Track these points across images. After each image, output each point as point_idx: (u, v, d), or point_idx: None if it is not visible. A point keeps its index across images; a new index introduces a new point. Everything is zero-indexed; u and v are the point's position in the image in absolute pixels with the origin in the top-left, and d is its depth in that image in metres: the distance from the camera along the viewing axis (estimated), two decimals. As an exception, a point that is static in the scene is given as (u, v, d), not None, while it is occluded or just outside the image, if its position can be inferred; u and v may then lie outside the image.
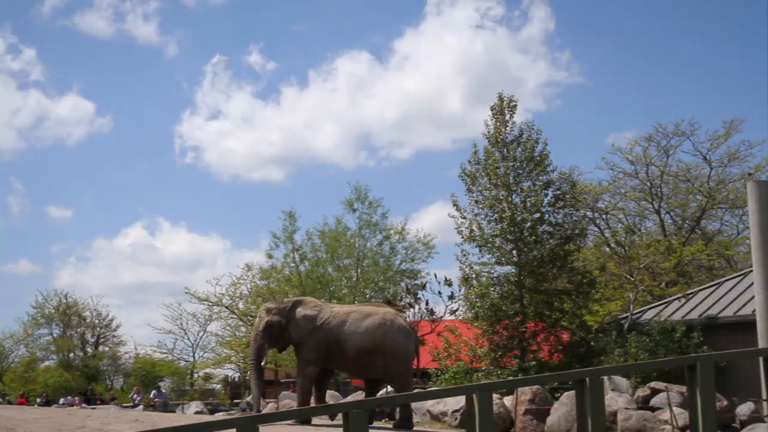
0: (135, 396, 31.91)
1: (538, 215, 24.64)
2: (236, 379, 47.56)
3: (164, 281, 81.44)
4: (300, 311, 16.41)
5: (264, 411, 19.53)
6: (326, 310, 16.40)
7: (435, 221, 74.51)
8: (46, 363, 53.78)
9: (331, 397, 20.79)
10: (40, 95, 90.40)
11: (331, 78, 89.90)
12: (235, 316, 44.33)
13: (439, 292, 29.54)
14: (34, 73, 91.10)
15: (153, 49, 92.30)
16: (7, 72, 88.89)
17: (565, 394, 17.25)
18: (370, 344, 15.86)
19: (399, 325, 16.17)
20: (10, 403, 31.82)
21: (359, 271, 36.02)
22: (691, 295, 25.24)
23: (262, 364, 17.18)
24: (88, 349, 54.98)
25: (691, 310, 23.90)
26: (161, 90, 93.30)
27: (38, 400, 34.16)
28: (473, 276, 25.28)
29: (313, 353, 16.13)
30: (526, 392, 17.72)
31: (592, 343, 23.80)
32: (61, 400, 32.59)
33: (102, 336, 56.23)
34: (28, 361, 53.49)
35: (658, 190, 39.58)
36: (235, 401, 36.18)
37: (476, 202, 25.39)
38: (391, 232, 36.90)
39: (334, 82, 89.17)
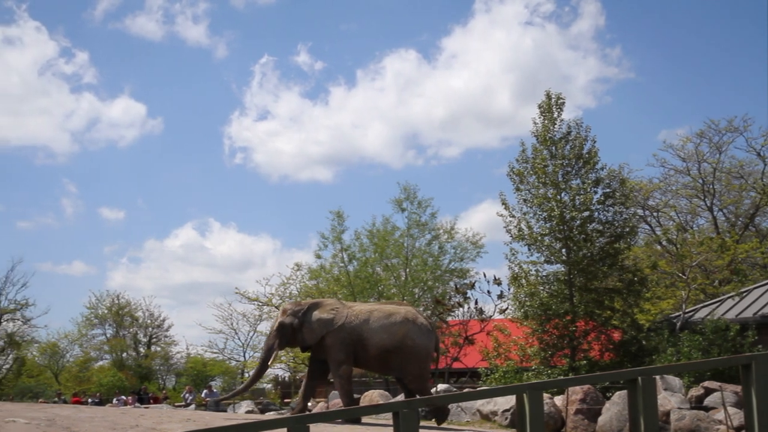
0: (187, 395, 32.21)
1: (587, 213, 24.46)
2: (286, 378, 47.80)
3: (214, 281, 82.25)
4: (315, 314, 16.54)
5: (314, 410, 19.62)
6: (343, 312, 16.45)
7: (484, 220, 74.28)
8: (100, 363, 54.57)
9: (381, 396, 20.79)
10: (92, 98, 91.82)
11: (379, 77, 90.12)
12: (285, 316, 44.55)
13: (488, 291, 29.37)
14: (86, 77, 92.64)
15: (202, 50, 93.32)
16: (60, 76, 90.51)
17: (617, 393, 17.10)
18: (390, 342, 15.93)
19: (420, 324, 16.20)
20: (65, 402, 32.28)
21: (408, 270, 36.01)
22: (745, 294, 24.86)
23: (269, 362, 17.28)
24: (141, 349, 55.67)
25: (746, 308, 23.56)
26: (210, 91, 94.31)
27: (90, 400, 34.61)
28: (522, 275, 25.17)
29: (342, 353, 16.20)
30: (577, 392, 17.58)
31: (643, 342, 23.56)
32: (115, 400, 33.00)
33: (154, 336, 56.90)
34: (82, 360, 54.31)
35: (711, 187, 39.07)
36: (286, 401, 36.36)
37: (525, 200, 25.27)
38: (440, 231, 36.86)
39: (382, 81, 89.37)
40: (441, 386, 23.28)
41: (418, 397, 15.24)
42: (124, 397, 33.48)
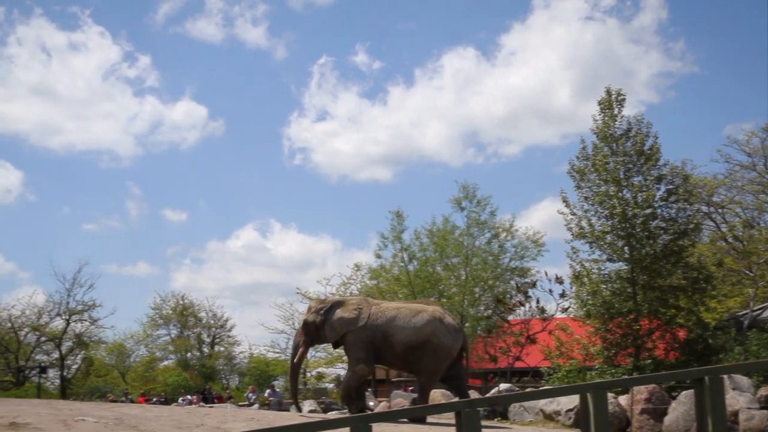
0: (250, 395, 32.50)
1: (650, 210, 24.13)
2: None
3: (276, 282, 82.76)
4: (337, 313, 16.63)
5: (377, 410, 19.68)
6: (366, 311, 16.47)
7: (544, 218, 73.64)
8: (165, 363, 55.25)
9: (442, 395, 20.75)
10: (155, 101, 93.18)
11: (437, 76, 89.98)
12: (346, 316, 44.69)
13: (550, 290, 29.28)
14: (149, 80, 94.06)
15: (262, 52, 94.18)
16: (123, 80, 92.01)
17: (683, 393, 16.82)
18: (416, 340, 15.93)
19: (447, 323, 16.18)
20: (132, 401, 32.82)
21: (468, 269, 35.85)
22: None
23: (294, 360, 17.47)
24: (205, 349, 56.23)
25: (815, 305, 23.07)
26: (270, 92, 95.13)
27: (154, 399, 35.09)
28: (584, 273, 24.93)
29: (362, 351, 16.26)
30: (642, 391, 17.35)
31: (710, 341, 23.18)
32: (180, 399, 33.42)
33: (217, 336, 57.40)
34: (148, 360, 55.06)
35: (778, 182, 38.21)
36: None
37: (585, 198, 25.04)
38: (500, 230, 36.63)
39: (441, 79, 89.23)
40: (503, 386, 23.17)
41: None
42: (189, 397, 33.88)
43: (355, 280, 43.84)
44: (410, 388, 30.98)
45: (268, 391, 32.77)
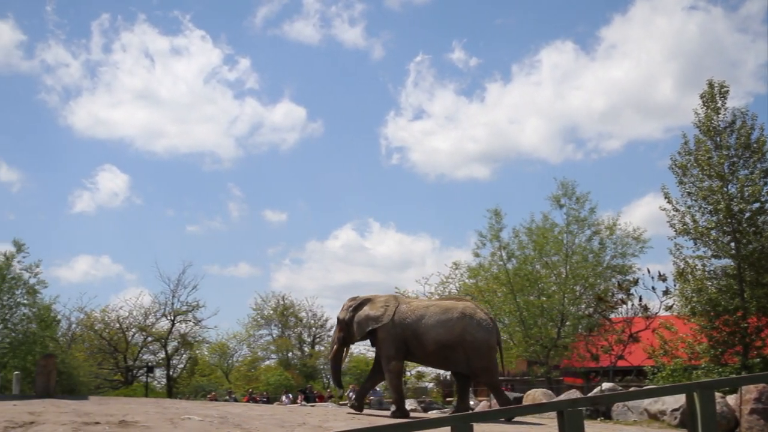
0: (351, 394, 32.68)
1: (757, 205, 23.42)
2: (448, 377, 47.89)
3: (375, 281, 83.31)
4: (365, 310, 16.94)
5: (477, 409, 19.62)
6: (393, 308, 16.60)
7: (647, 214, 72.31)
8: (267, 362, 56.03)
9: (543, 395, 20.54)
10: (255, 103, 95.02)
11: (535, 71, 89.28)
12: (445, 315, 44.61)
13: (653, 288, 28.69)
14: (249, 82, 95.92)
15: (359, 52, 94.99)
16: (224, 82, 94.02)
17: (795, 392, 16.29)
18: (449, 338, 15.92)
19: (479, 319, 16.12)
20: (236, 400, 33.44)
21: (568, 267, 35.43)
22: None
23: (330, 356, 18.22)
24: (305, 349, 56.84)
25: None
26: (367, 92, 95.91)
27: (257, 398, 35.59)
28: (688, 270, 24.35)
29: (392, 349, 16.42)
30: (751, 390, 16.85)
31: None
32: (283, 398, 33.88)
33: (318, 336, 57.90)
34: (250, 360, 55.96)
35: None
36: (448, 399, 36.45)
37: (689, 193, 24.45)
38: (601, 227, 36.08)
39: (539, 75, 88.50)
40: (606, 385, 22.82)
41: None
42: (291, 396, 34.30)
43: (454, 278, 43.82)
44: (510, 387, 30.80)
45: (368, 390, 32.91)
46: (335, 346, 17.86)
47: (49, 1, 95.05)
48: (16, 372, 27.13)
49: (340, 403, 31.38)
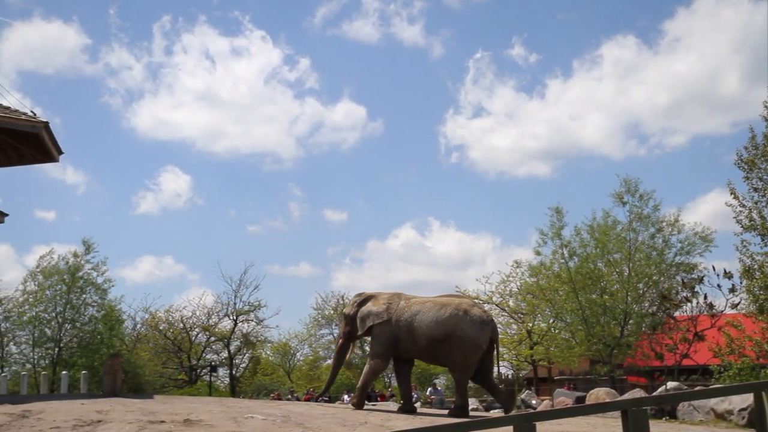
0: (345, 398, 32.68)
1: (826, 200, 22.91)
2: (509, 376, 47.66)
3: (436, 280, 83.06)
4: (367, 306, 17.18)
5: (539, 409, 19.47)
6: (394, 305, 16.81)
7: (713, 210, 71.01)
8: (328, 362, 56.26)
9: (607, 394, 20.32)
10: (315, 103, 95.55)
11: (596, 66, 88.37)
12: (506, 314, 44.49)
13: (719, 285, 28.19)
14: (309, 82, 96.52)
15: (419, 50, 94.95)
16: (284, 82, 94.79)
17: None
18: (440, 334, 16.02)
19: (473, 316, 16.09)
20: (297, 399, 33.64)
21: (631, 265, 35.01)
22: None
23: (346, 350, 18.29)
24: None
25: None
26: (426, 90, 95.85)
27: (320, 398, 35.71)
28: (756, 267, 23.88)
29: (382, 347, 16.69)
30: (821, 390, 16.47)
31: None
32: (345, 398, 34.00)
33: (378, 335, 57.92)
34: (312, 359, 56.25)
35: None
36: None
37: (755, 189, 23.97)
38: (664, 224, 35.55)
39: (600, 70, 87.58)
40: (671, 384, 22.50)
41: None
42: (352, 394, 34.37)
43: (515, 277, 43.59)
44: (573, 386, 30.52)
45: (429, 389, 32.93)
46: (341, 341, 18.37)
47: (112, 3, 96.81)
48: (84, 371, 27.72)
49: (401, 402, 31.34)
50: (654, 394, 21.30)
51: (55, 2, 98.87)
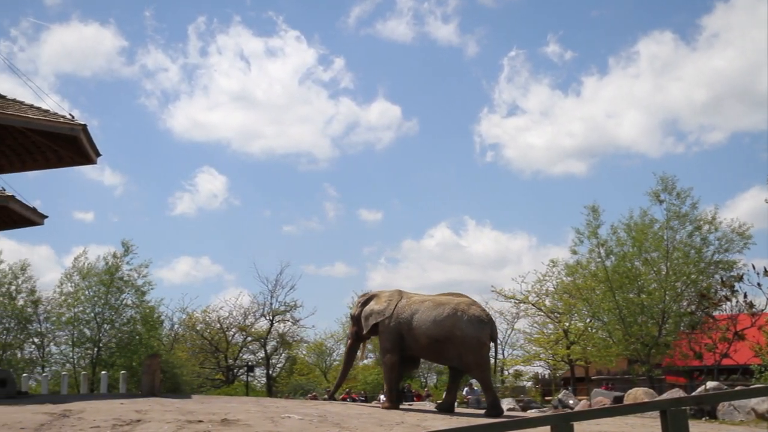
0: (345, 399, 32.61)
1: None
2: (546, 376, 47.45)
3: (471, 279, 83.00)
4: (371, 305, 17.57)
5: (576, 408, 19.36)
6: (394, 303, 17.07)
7: (753, 208, 70.20)
8: (365, 362, 56.42)
9: (645, 394, 20.16)
10: (350, 103, 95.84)
11: (632, 63, 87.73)
12: (542, 313, 44.31)
13: (759, 284, 27.76)
14: (343, 82, 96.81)
15: (453, 49, 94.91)
16: (319, 83, 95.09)
17: None
18: (439, 333, 16.25)
19: (470, 315, 16.24)
20: (334, 399, 33.68)
21: (668, 264, 34.68)
22: None
23: (354, 351, 18.99)
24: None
25: None
26: (460, 89, 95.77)
27: (355, 397, 35.77)
28: (796, 265, 23.57)
29: (388, 342, 17.02)
30: None
31: None
32: (381, 397, 34.00)
33: (414, 335, 57.90)
34: (348, 359, 56.29)
35: None
36: (546, 398, 36.10)
37: (796, 185, 23.68)
38: (702, 222, 35.16)
39: (636, 67, 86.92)
40: (710, 384, 22.27)
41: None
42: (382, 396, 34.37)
43: (551, 276, 43.43)
44: (611, 386, 30.31)
45: (466, 389, 32.80)
46: (349, 341, 18.90)
47: (148, 5, 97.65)
48: (123, 371, 28.00)
49: (437, 402, 31.32)
50: (693, 393, 21.10)
51: (92, 5, 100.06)
